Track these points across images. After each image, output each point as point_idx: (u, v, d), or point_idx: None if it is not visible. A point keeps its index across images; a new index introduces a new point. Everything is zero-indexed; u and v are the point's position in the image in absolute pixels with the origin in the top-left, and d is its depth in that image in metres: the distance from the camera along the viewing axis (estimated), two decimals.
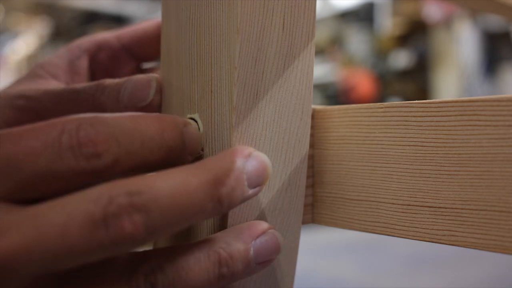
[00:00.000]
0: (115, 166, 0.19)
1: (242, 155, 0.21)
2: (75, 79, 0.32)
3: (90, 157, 0.18)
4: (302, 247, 0.28)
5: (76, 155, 0.18)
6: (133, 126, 0.20)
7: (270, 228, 0.23)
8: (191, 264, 0.20)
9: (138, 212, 0.17)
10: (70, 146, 0.18)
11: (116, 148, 0.19)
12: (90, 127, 0.18)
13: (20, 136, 0.18)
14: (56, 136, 0.18)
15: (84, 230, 0.16)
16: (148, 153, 0.20)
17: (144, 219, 0.17)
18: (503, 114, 0.20)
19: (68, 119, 0.19)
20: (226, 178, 0.20)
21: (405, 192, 0.24)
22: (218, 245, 0.21)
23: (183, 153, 0.22)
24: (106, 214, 0.17)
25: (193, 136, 0.23)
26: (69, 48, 0.33)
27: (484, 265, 1.17)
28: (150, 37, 0.33)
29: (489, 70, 3.07)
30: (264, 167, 0.21)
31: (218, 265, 0.21)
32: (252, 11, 0.22)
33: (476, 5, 0.67)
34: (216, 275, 0.20)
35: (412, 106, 0.23)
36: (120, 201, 0.17)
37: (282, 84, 0.24)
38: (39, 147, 0.18)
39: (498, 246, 0.20)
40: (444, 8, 3.02)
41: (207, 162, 0.20)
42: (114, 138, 0.19)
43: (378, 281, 1.14)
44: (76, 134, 0.18)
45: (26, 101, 0.28)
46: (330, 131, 0.27)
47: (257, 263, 0.22)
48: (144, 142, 0.20)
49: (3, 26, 2.89)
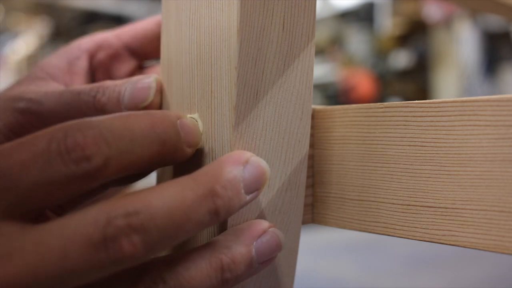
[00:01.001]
0: (107, 167, 0.19)
1: (239, 162, 0.21)
2: (74, 79, 0.32)
3: (79, 161, 0.18)
4: (302, 247, 0.28)
5: (65, 160, 0.18)
6: (121, 125, 0.20)
7: (271, 227, 0.23)
8: (193, 273, 0.20)
9: (136, 233, 0.17)
10: (59, 153, 0.18)
11: (105, 149, 0.19)
12: (77, 132, 0.19)
13: (10, 150, 0.18)
14: (45, 145, 0.18)
15: (84, 253, 0.17)
16: (140, 149, 0.20)
17: (142, 238, 0.18)
18: (503, 114, 0.20)
19: (56, 128, 0.19)
20: (222, 190, 0.20)
21: (405, 192, 0.24)
22: (219, 251, 0.21)
23: (180, 145, 0.22)
24: (105, 236, 0.17)
25: (190, 128, 0.23)
26: (69, 48, 0.33)
27: (484, 265, 1.17)
28: (150, 35, 0.33)
29: (489, 70, 3.07)
30: (262, 172, 0.21)
31: (220, 271, 0.21)
32: (252, 11, 0.22)
33: (476, 5, 0.67)
34: (220, 281, 0.21)
35: (412, 106, 0.23)
36: (118, 223, 0.17)
37: (282, 84, 0.24)
38: (30, 159, 0.18)
39: (498, 246, 0.20)
40: (444, 8, 3.02)
41: (203, 173, 0.20)
42: (102, 139, 0.19)
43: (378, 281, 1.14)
44: (64, 141, 0.18)
45: (27, 103, 0.28)
46: (330, 131, 0.27)
47: (260, 263, 0.22)
48: (134, 139, 0.20)
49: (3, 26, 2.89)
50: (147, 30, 0.34)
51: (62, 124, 0.19)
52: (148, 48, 0.34)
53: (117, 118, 0.20)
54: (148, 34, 0.34)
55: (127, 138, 0.20)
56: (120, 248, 0.17)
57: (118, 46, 0.34)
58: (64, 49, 0.33)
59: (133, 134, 0.20)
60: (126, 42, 0.34)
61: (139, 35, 0.34)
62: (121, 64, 0.34)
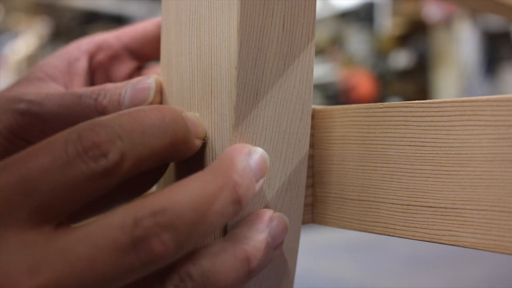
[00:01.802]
0: (124, 161, 0.19)
1: (244, 152, 0.21)
2: (74, 80, 0.32)
3: (98, 158, 0.18)
4: (302, 247, 0.28)
5: (84, 160, 0.18)
6: (131, 119, 0.20)
7: (275, 213, 0.23)
8: (219, 267, 0.20)
9: (165, 231, 0.17)
10: (77, 154, 0.18)
11: (119, 143, 0.19)
12: (90, 132, 0.19)
13: (26, 157, 0.18)
14: (61, 148, 0.18)
15: (113, 258, 0.17)
16: (154, 139, 0.20)
17: (172, 236, 0.17)
18: (503, 114, 0.20)
19: (68, 131, 0.19)
20: (241, 178, 0.20)
21: (405, 192, 0.24)
22: (241, 241, 0.21)
23: (190, 136, 0.23)
24: (134, 239, 0.17)
25: (194, 120, 0.24)
26: (68, 49, 0.33)
27: (484, 265, 1.17)
28: (150, 36, 0.33)
29: (489, 70, 3.07)
30: (264, 160, 0.22)
31: (246, 261, 0.21)
32: (252, 11, 0.22)
33: (476, 5, 0.67)
34: (246, 271, 0.21)
35: (412, 106, 0.23)
36: (146, 223, 0.17)
37: (282, 84, 0.24)
38: (49, 162, 0.18)
39: (498, 246, 0.20)
40: (444, 8, 3.02)
41: (217, 166, 0.20)
42: (115, 134, 0.19)
43: (378, 281, 1.14)
44: (80, 142, 0.18)
45: (27, 104, 0.28)
46: (330, 131, 0.27)
47: (273, 248, 0.23)
48: (146, 130, 0.20)
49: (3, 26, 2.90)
50: (147, 31, 0.34)
51: (73, 127, 0.19)
52: (148, 49, 0.34)
53: (126, 114, 0.20)
54: (148, 36, 0.34)
55: (138, 131, 0.20)
56: (151, 249, 0.17)
57: (118, 47, 0.34)
58: (64, 50, 0.33)
59: (143, 126, 0.20)
60: (126, 43, 0.34)
61: (139, 36, 0.34)
62: (120, 65, 0.34)
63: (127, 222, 0.17)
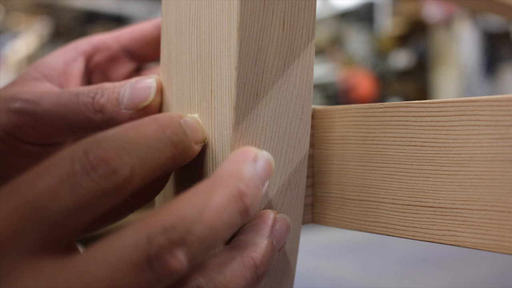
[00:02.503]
0: (133, 176, 0.19)
1: (251, 159, 0.21)
2: (70, 80, 0.31)
3: (107, 175, 0.18)
4: (302, 247, 0.28)
5: (93, 178, 0.18)
6: (135, 133, 0.20)
7: (277, 214, 0.24)
8: (228, 276, 0.20)
9: (178, 247, 0.18)
10: (85, 172, 0.18)
11: (128, 159, 0.19)
12: (96, 147, 0.18)
13: (32, 179, 0.18)
14: (68, 167, 0.18)
15: (132, 277, 0.17)
16: (157, 153, 0.20)
17: (184, 251, 0.18)
18: (503, 114, 0.20)
19: (73, 148, 0.19)
20: (248, 188, 0.20)
21: (405, 192, 0.24)
22: (248, 249, 0.22)
23: (189, 144, 0.23)
24: (149, 257, 0.17)
25: (192, 125, 0.23)
26: (66, 49, 0.32)
27: (484, 265, 1.17)
28: (149, 38, 0.33)
29: (489, 70, 3.07)
30: (270, 164, 0.22)
31: (254, 268, 0.21)
32: (252, 11, 0.22)
33: (476, 5, 0.67)
34: (255, 277, 0.21)
35: (412, 106, 0.23)
36: (159, 241, 0.17)
37: (282, 84, 0.24)
38: (57, 184, 0.17)
39: (498, 246, 0.20)
40: (444, 8, 3.02)
41: (224, 175, 0.20)
42: (122, 150, 0.19)
43: (378, 281, 1.14)
44: (87, 159, 0.18)
45: (22, 103, 0.28)
46: (330, 131, 0.27)
47: (278, 250, 0.23)
48: (151, 145, 0.20)
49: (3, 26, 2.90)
50: (146, 32, 0.33)
51: (77, 143, 0.19)
52: (147, 51, 0.34)
53: (128, 127, 0.20)
54: (147, 37, 0.33)
55: (144, 145, 0.20)
56: (166, 265, 0.17)
57: (116, 49, 0.33)
58: (61, 50, 0.32)
59: (148, 140, 0.20)
60: (124, 44, 0.33)
61: (138, 37, 0.33)
62: (118, 66, 0.34)
63: (140, 240, 0.17)
